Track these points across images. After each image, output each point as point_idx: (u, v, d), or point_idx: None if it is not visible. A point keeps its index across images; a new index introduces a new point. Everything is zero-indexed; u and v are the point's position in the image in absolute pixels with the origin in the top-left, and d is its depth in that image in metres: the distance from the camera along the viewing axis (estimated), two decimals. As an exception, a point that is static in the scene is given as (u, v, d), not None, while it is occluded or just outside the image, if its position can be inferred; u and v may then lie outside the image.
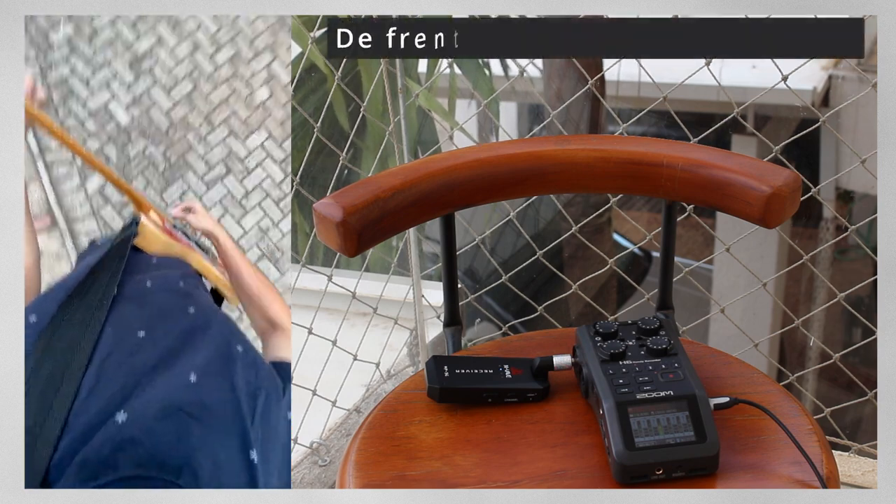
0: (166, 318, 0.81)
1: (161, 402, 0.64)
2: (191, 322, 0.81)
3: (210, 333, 0.79)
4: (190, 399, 0.66)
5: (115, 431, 0.60)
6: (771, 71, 1.37)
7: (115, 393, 0.65)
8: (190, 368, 0.70)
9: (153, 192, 3.24)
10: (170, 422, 0.62)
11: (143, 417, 0.62)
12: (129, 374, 0.67)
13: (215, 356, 0.75)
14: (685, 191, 0.92)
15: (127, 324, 0.76)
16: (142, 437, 0.60)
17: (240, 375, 0.73)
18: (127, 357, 0.70)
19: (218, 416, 0.66)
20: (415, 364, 2.06)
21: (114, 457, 0.58)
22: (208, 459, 0.61)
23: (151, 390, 0.65)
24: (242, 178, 3.27)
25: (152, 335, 0.75)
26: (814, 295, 3.86)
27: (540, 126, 1.79)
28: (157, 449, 0.59)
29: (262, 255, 3.23)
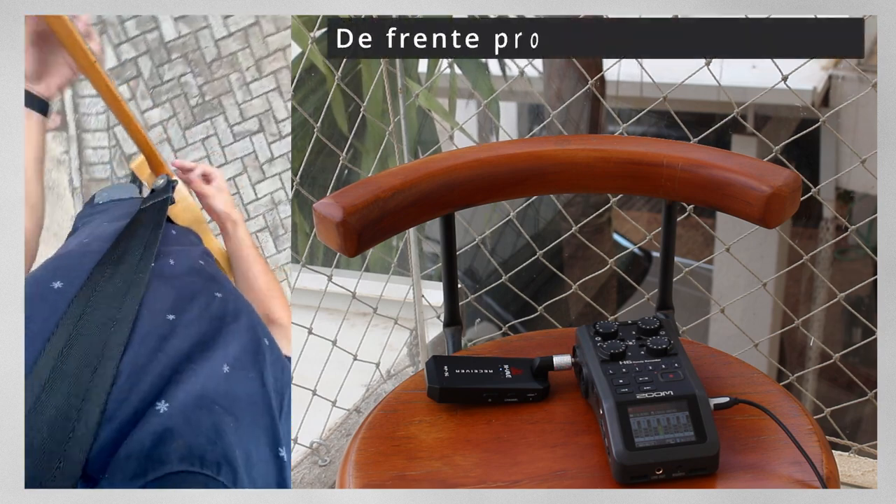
0: (194, 301, 0.75)
1: (198, 393, 0.61)
2: (220, 308, 0.76)
3: (240, 323, 0.75)
4: (223, 391, 0.63)
5: (156, 421, 0.56)
6: (771, 71, 1.37)
7: (155, 380, 0.61)
8: (223, 359, 0.67)
9: (176, 125, 2.99)
10: (206, 414, 0.59)
11: (184, 407, 0.59)
12: (165, 359, 0.63)
13: (247, 348, 0.71)
14: (685, 191, 0.92)
15: (159, 304, 0.70)
16: (182, 428, 0.56)
17: (269, 371, 0.70)
18: (160, 342, 0.65)
19: (249, 410, 0.64)
20: (415, 364, 2.06)
21: (157, 450, 0.54)
22: (243, 455, 0.59)
23: (189, 379, 0.62)
24: (273, 141, 3.02)
25: (182, 319, 0.70)
26: (814, 295, 3.86)
27: (540, 126, 1.79)
28: (195, 442, 0.56)
29: (264, 227, 3.12)
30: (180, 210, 1.05)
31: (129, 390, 0.59)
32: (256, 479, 0.59)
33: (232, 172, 3.11)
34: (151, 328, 0.66)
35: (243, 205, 3.12)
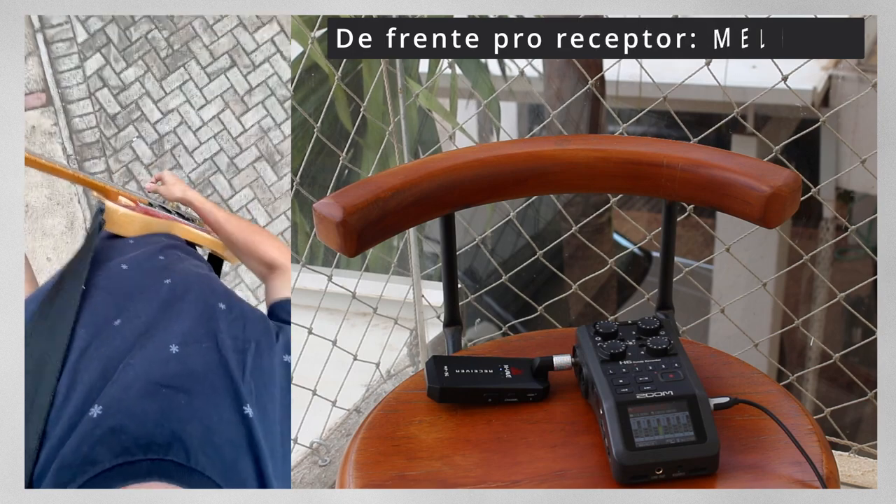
0: (140, 296, 0.78)
1: (142, 381, 0.62)
2: (167, 293, 0.79)
3: (188, 299, 0.77)
4: (173, 371, 0.64)
5: (91, 427, 0.58)
6: (771, 71, 1.37)
7: (93, 387, 0.63)
8: (169, 340, 0.68)
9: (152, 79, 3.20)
10: (152, 400, 0.61)
11: (124, 402, 0.60)
12: (106, 363, 0.65)
13: (197, 321, 0.73)
14: (685, 191, 0.92)
15: (102, 316, 0.73)
16: (125, 423, 0.58)
17: (225, 333, 0.71)
18: (103, 347, 0.68)
19: (205, 380, 0.65)
20: (415, 364, 2.06)
21: (92, 452, 0.56)
22: (199, 426, 0.60)
23: (130, 372, 0.64)
24: (248, 72, 3.20)
25: (127, 318, 0.73)
26: (814, 295, 3.86)
27: (540, 126, 1.79)
28: (142, 431, 0.58)
29: (259, 157, 3.21)
30: (123, 223, 1.10)
31: (64, 409, 0.61)
32: (220, 442, 0.60)
33: (215, 110, 3.24)
34: (91, 340, 0.69)
35: (233, 139, 3.25)
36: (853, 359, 1.67)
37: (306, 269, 1.62)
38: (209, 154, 3.37)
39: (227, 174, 3.35)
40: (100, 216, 1.05)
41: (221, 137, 3.34)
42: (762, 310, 3.50)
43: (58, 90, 3.20)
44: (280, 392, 0.70)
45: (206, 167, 3.37)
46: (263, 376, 0.69)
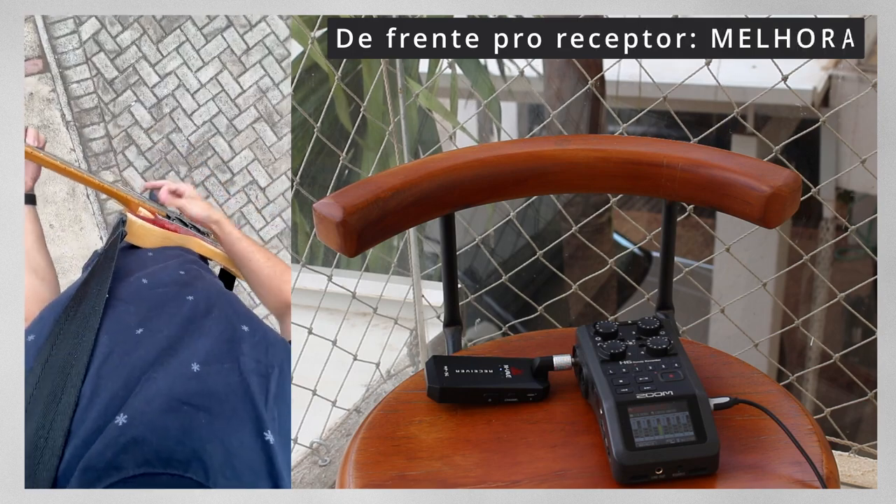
0: (163, 310, 0.79)
1: (164, 396, 0.63)
2: (190, 310, 0.79)
3: (211, 318, 0.77)
4: (194, 390, 0.65)
5: (116, 434, 0.59)
6: (771, 71, 1.37)
7: (116, 394, 0.64)
8: (191, 358, 0.69)
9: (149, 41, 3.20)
10: (174, 416, 0.61)
11: (146, 415, 0.61)
12: (129, 372, 0.66)
13: (219, 341, 0.73)
14: (685, 191, 0.92)
15: (124, 325, 0.74)
16: (147, 435, 0.59)
17: (248, 356, 0.71)
18: (125, 357, 0.69)
19: (226, 402, 0.65)
20: (415, 364, 2.06)
21: (117, 459, 0.57)
22: (219, 448, 0.60)
23: (153, 386, 0.64)
24: (244, 32, 3.17)
25: (150, 329, 0.73)
26: (814, 295, 3.86)
27: (540, 126, 1.79)
28: (163, 445, 0.58)
29: (259, 118, 3.20)
30: (142, 236, 1.11)
31: (89, 411, 0.62)
32: (240, 467, 0.60)
33: (213, 72, 3.24)
34: (114, 347, 0.70)
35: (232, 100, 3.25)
36: (853, 359, 1.67)
37: (306, 269, 1.62)
38: (208, 116, 3.36)
39: (226, 136, 3.34)
40: (122, 227, 1.06)
41: (220, 99, 3.33)
42: (762, 310, 3.50)
43: (54, 56, 3.19)
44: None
45: (205, 129, 3.36)
46: (286, 403, 0.70)
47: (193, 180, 3.36)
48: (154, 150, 3.40)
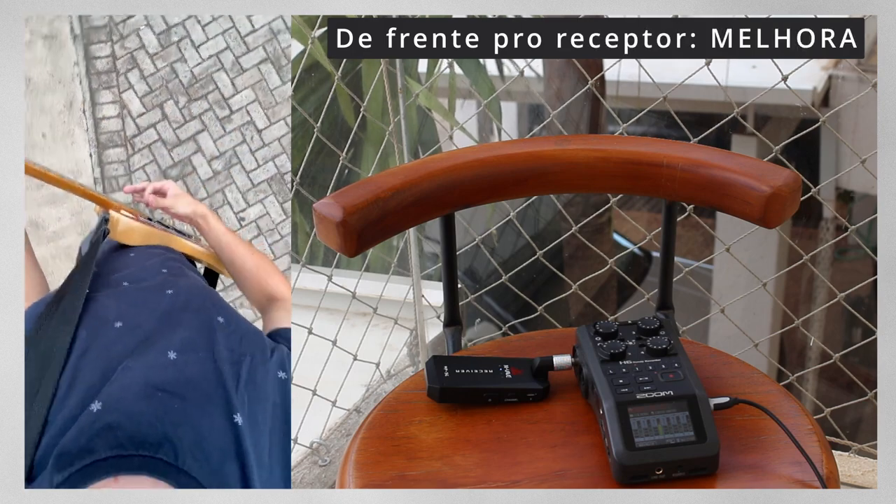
0: (143, 305, 0.80)
1: (140, 384, 0.65)
2: (168, 303, 0.81)
3: (189, 310, 0.80)
4: (170, 377, 0.67)
5: (90, 421, 0.61)
6: (771, 71, 1.37)
7: (93, 385, 0.66)
8: (168, 347, 0.71)
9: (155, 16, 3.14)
10: (149, 402, 0.64)
11: (122, 401, 0.63)
12: (106, 364, 0.68)
13: (196, 332, 0.75)
14: (685, 191, 0.92)
15: (103, 319, 0.76)
16: (121, 420, 0.61)
17: (222, 345, 0.74)
18: (104, 350, 0.71)
19: (199, 388, 0.67)
20: (415, 364, 2.06)
21: (90, 443, 0.59)
22: (189, 431, 0.62)
23: (130, 374, 0.67)
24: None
25: (129, 324, 0.75)
26: (814, 295, 3.86)
27: (540, 126, 1.79)
28: (136, 429, 0.60)
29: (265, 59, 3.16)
30: (125, 233, 1.10)
31: (66, 401, 0.64)
32: (209, 448, 0.63)
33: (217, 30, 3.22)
34: (91, 342, 0.72)
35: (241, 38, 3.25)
36: (853, 359, 1.67)
37: (306, 269, 1.62)
38: (215, 51, 3.33)
39: (230, 73, 3.31)
40: (104, 225, 1.06)
41: (229, 35, 3.30)
42: (762, 310, 3.50)
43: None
44: (273, 407, 0.72)
45: (210, 63, 3.33)
46: (256, 389, 0.72)
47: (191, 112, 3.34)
48: (156, 77, 3.35)
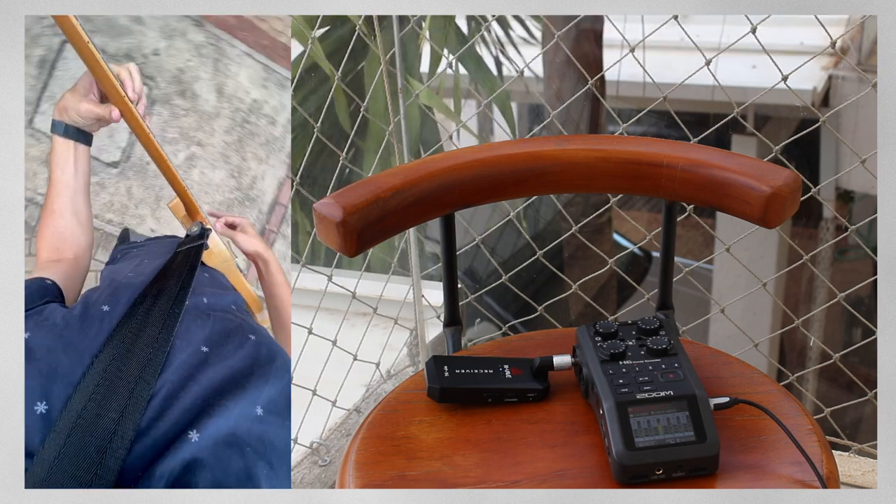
0: (228, 338, 0.79)
1: (231, 430, 0.64)
2: (254, 350, 0.79)
3: (275, 368, 0.77)
4: (256, 434, 0.65)
5: (187, 450, 0.60)
6: (771, 71, 1.37)
7: (188, 407, 0.65)
8: (256, 400, 0.69)
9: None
10: (236, 454, 0.62)
11: (216, 444, 0.62)
12: (198, 389, 0.67)
13: (281, 392, 0.74)
14: (685, 191, 0.92)
15: (192, 337, 0.75)
16: (210, 462, 0.60)
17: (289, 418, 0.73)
18: (193, 371, 0.70)
19: (283, 457, 0.66)
20: (415, 364, 2.06)
21: (185, 476, 0.58)
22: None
23: (221, 415, 0.65)
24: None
25: (215, 352, 0.74)
26: (814, 295, 3.86)
27: (540, 126, 1.79)
28: (225, 479, 0.59)
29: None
30: (211, 255, 1.12)
31: (161, 413, 0.63)
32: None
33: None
34: (186, 357, 0.71)
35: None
36: (853, 359, 1.67)
37: (306, 269, 1.62)
38: None
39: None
40: (205, 239, 1.07)
41: None
42: (762, 310, 3.50)
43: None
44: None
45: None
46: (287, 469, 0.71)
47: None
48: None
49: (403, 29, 1.62)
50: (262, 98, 2.84)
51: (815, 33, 3.70)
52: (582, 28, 3.40)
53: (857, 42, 3.75)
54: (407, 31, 1.62)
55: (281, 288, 1.11)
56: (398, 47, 1.62)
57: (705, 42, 1.50)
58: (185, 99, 2.71)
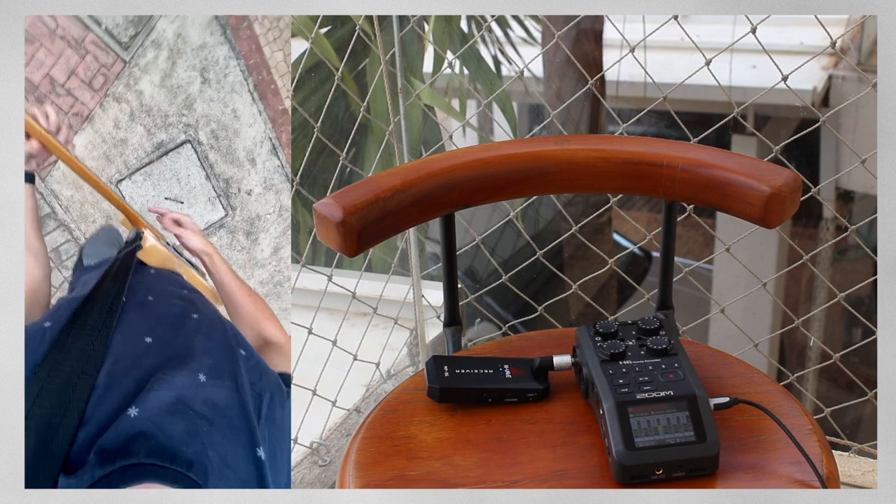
0: (171, 324, 0.84)
1: (172, 399, 0.68)
2: (196, 326, 0.85)
3: (215, 337, 0.83)
4: (200, 398, 0.69)
5: (128, 424, 0.63)
6: (771, 71, 1.37)
7: (129, 391, 0.69)
8: (198, 369, 0.74)
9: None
10: (180, 418, 0.65)
11: (155, 413, 0.65)
12: (139, 374, 0.71)
13: (221, 358, 0.78)
14: (685, 191, 0.92)
15: (134, 330, 0.79)
16: (154, 430, 0.63)
17: (244, 377, 0.77)
18: (136, 360, 0.74)
19: (225, 415, 0.70)
20: (415, 364, 2.06)
21: (127, 446, 0.61)
22: (217, 456, 0.64)
23: (163, 388, 0.69)
24: None
25: (159, 341, 0.79)
26: (814, 295, 3.86)
27: (540, 126, 1.79)
28: (169, 442, 0.62)
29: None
30: (151, 254, 1.18)
31: (102, 400, 0.67)
32: (233, 476, 0.65)
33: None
34: (127, 349, 0.75)
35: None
36: (853, 359, 1.67)
37: (306, 268, 1.62)
38: None
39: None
40: (138, 241, 1.15)
41: None
42: (762, 310, 3.50)
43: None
44: (289, 447, 0.77)
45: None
46: (275, 427, 0.75)
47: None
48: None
49: (403, 29, 1.62)
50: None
51: (815, 33, 3.71)
52: (582, 28, 3.40)
53: (857, 42, 3.75)
54: (407, 32, 1.63)
55: (228, 276, 1.15)
56: (398, 47, 1.62)
57: (707, 42, 1.50)
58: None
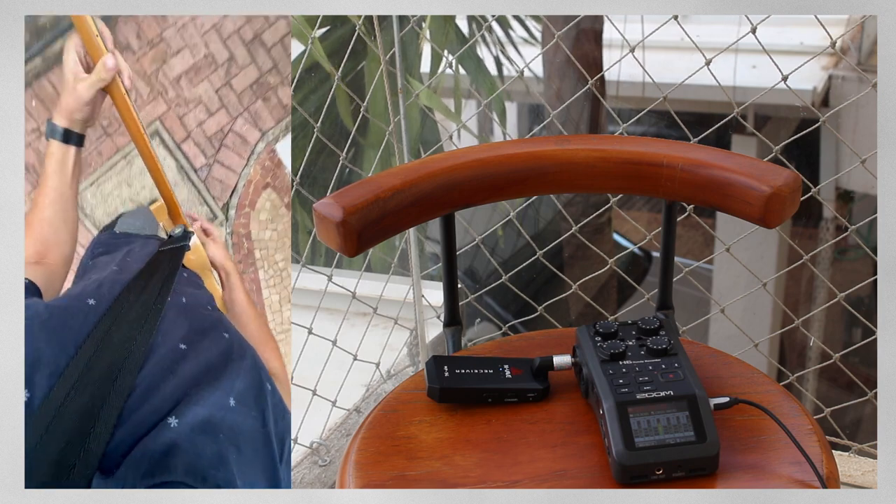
0: (205, 336, 0.83)
1: (206, 418, 0.67)
2: (228, 346, 0.83)
3: (245, 364, 0.81)
4: (229, 423, 0.69)
5: (168, 434, 0.63)
6: (771, 71, 1.37)
7: (166, 396, 0.68)
8: (229, 391, 0.73)
9: None
10: (210, 440, 0.65)
11: (193, 430, 0.65)
12: (177, 381, 0.71)
13: (250, 387, 0.77)
14: (685, 191, 0.92)
15: (173, 333, 0.79)
16: (186, 446, 0.63)
17: (270, 413, 0.76)
18: (173, 365, 0.73)
19: (251, 446, 0.69)
20: (415, 364, 2.06)
21: (165, 459, 0.61)
22: (246, 487, 0.64)
23: (197, 403, 0.68)
24: None
25: (193, 348, 0.78)
26: (814, 295, 3.86)
27: (540, 126, 1.79)
28: (199, 462, 0.62)
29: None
30: (191, 256, 1.16)
31: (142, 401, 0.66)
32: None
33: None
34: (166, 352, 0.74)
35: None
36: (853, 359, 1.67)
37: (306, 268, 1.62)
38: None
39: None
40: (187, 241, 1.12)
41: None
42: (762, 310, 3.50)
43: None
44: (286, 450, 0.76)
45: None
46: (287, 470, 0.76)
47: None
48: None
49: (403, 29, 1.62)
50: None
51: (815, 33, 3.71)
52: (582, 28, 3.40)
53: (857, 42, 3.75)
54: (407, 31, 1.62)
55: (240, 294, 1.16)
56: (398, 47, 1.62)
57: (708, 42, 1.50)
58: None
